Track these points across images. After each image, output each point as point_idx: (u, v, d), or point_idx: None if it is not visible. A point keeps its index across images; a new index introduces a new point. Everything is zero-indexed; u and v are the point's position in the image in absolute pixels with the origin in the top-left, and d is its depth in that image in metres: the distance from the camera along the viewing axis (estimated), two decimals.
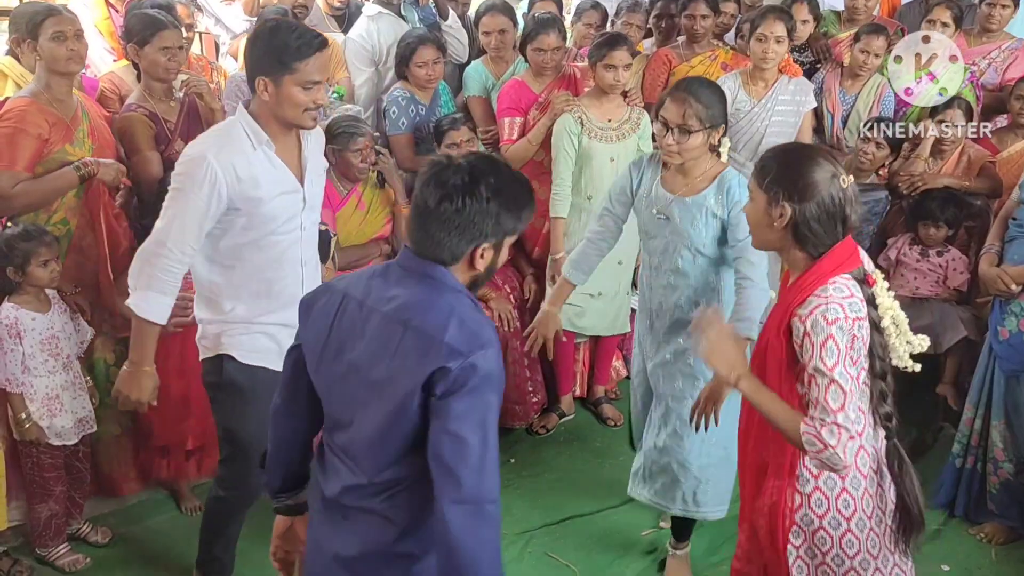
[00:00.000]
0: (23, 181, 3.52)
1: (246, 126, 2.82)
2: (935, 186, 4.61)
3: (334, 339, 2.05)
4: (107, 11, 4.79)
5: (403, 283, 2.01)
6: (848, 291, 2.31)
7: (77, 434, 3.62)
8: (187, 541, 3.86)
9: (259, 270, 2.93)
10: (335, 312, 2.06)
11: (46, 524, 3.62)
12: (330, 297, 2.09)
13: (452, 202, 1.93)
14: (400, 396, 1.93)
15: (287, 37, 2.71)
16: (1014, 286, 3.65)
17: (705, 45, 5.16)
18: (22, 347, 3.44)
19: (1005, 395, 3.76)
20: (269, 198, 2.84)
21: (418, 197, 1.98)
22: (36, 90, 3.60)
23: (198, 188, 2.74)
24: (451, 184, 1.93)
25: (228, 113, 4.42)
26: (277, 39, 2.71)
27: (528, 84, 4.68)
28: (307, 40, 2.72)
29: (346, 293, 2.07)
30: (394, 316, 1.97)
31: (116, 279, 3.75)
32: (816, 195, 2.31)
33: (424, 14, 5.34)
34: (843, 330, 2.26)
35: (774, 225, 2.36)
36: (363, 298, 2.03)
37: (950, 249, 4.64)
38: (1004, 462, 3.80)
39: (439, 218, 1.94)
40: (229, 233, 2.87)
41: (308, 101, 2.78)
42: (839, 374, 2.25)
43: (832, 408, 2.24)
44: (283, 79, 2.72)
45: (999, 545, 3.87)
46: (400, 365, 1.93)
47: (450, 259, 1.99)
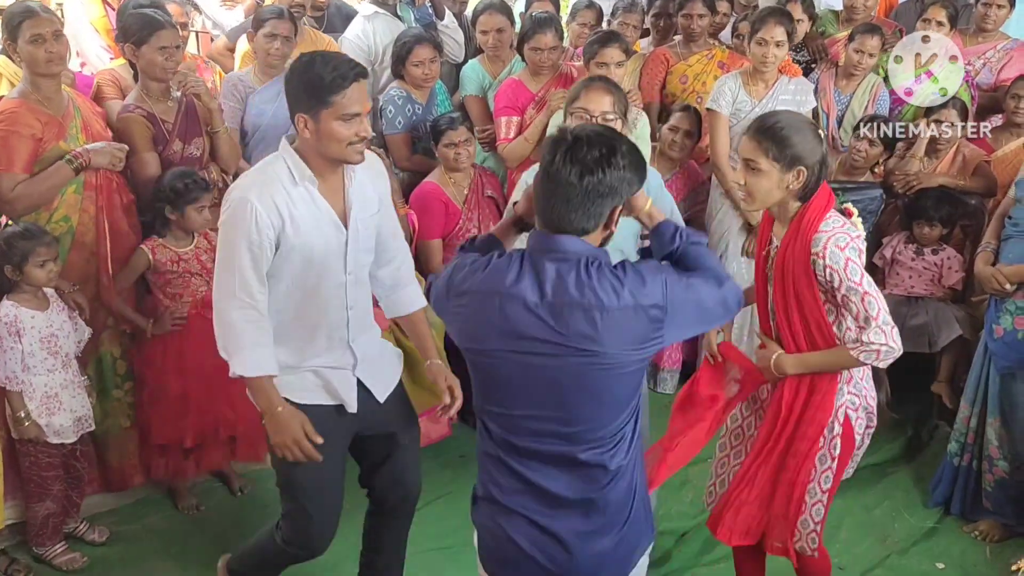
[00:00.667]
0: (21, 183, 3.53)
1: (289, 161, 2.66)
2: (930, 185, 4.62)
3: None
4: (104, 9, 4.79)
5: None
6: (841, 220, 2.72)
7: (76, 432, 3.61)
8: (184, 540, 3.88)
9: (302, 314, 2.78)
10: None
11: (43, 523, 3.63)
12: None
13: (594, 174, 2.06)
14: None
15: (321, 70, 2.55)
16: (1009, 285, 3.66)
17: (702, 44, 5.18)
18: (21, 345, 3.43)
19: (1000, 393, 3.77)
20: (309, 238, 2.67)
21: (555, 175, 2.08)
22: (25, 90, 3.60)
23: (245, 234, 2.61)
24: (590, 158, 2.06)
25: (225, 113, 4.44)
26: (311, 73, 2.56)
27: (525, 83, 4.69)
28: (342, 71, 2.56)
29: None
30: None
31: (114, 276, 3.76)
32: (818, 153, 2.68)
33: (420, 14, 5.36)
34: (854, 249, 2.67)
35: (789, 188, 2.69)
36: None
37: (945, 248, 4.65)
38: (999, 460, 3.82)
39: (585, 191, 2.07)
40: (272, 276, 2.72)
41: (351, 135, 2.60)
42: (867, 284, 2.66)
43: (872, 315, 2.64)
44: (321, 114, 2.57)
45: (994, 543, 3.88)
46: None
47: (593, 227, 2.12)
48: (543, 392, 2.14)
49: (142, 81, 3.93)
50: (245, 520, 4.02)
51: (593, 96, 3.20)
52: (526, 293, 2.08)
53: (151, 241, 3.82)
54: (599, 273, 2.08)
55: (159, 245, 3.81)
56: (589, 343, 2.07)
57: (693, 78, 5.09)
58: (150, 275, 3.84)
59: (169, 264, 3.81)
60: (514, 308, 2.09)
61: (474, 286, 2.15)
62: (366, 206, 2.82)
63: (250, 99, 4.56)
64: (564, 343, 2.08)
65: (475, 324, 2.16)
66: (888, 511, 4.11)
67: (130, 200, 3.87)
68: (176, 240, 3.84)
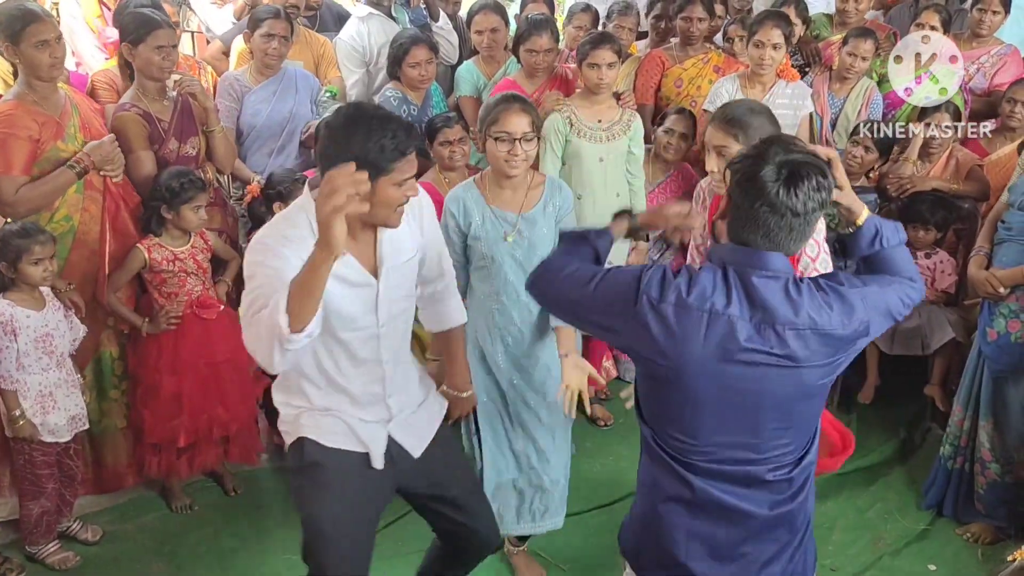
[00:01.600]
0: (23, 185, 3.53)
1: (311, 216, 2.33)
2: (924, 189, 4.64)
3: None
4: (99, 9, 4.78)
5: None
6: None
7: (70, 431, 3.61)
8: (177, 539, 3.88)
9: (335, 367, 2.60)
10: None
11: (37, 521, 3.62)
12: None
13: (814, 201, 2.07)
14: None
15: (382, 138, 2.36)
16: (1002, 289, 3.68)
17: (699, 48, 5.18)
18: (16, 344, 3.43)
19: (993, 396, 3.78)
20: (333, 295, 2.41)
21: (778, 206, 2.05)
22: (21, 92, 3.58)
23: (271, 276, 2.32)
24: (810, 187, 2.05)
25: (222, 112, 4.44)
26: (372, 141, 2.35)
27: (520, 85, 4.69)
28: (402, 138, 2.39)
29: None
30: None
31: (109, 275, 3.76)
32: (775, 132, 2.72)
33: (414, 15, 5.36)
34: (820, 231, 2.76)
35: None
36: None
37: (938, 251, 4.67)
38: (991, 463, 3.83)
39: (806, 220, 2.08)
40: None
41: (402, 197, 2.46)
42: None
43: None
44: (379, 181, 2.37)
45: (986, 545, 3.89)
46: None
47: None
48: (738, 414, 2.13)
49: (138, 80, 3.93)
50: (238, 520, 4.02)
51: (512, 119, 3.18)
52: (736, 310, 2.06)
53: (147, 240, 3.82)
54: (809, 291, 2.10)
55: (155, 244, 3.81)
56: (797, 362, 2.08)
57: (688, 81, 5.10)
58: (146, 274, 3.84)
59: (165, 264, 3.81)
60: (723, 326, 2.06)
61: (678, 300, 2.08)
62: (400, 253, 2.64)
63: (246, 98, 4.57)
64: (772, 363, 2.08)
65: (676, 339, 2.08)
66: (881, 513, 4.13)
67: (137, 203, 3.87)
68: (172, 239, 3.84)
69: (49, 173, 3.59)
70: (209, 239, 3.98)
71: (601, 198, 4.31)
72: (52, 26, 3.56)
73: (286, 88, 4.66)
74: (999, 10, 5.17)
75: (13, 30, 3.46)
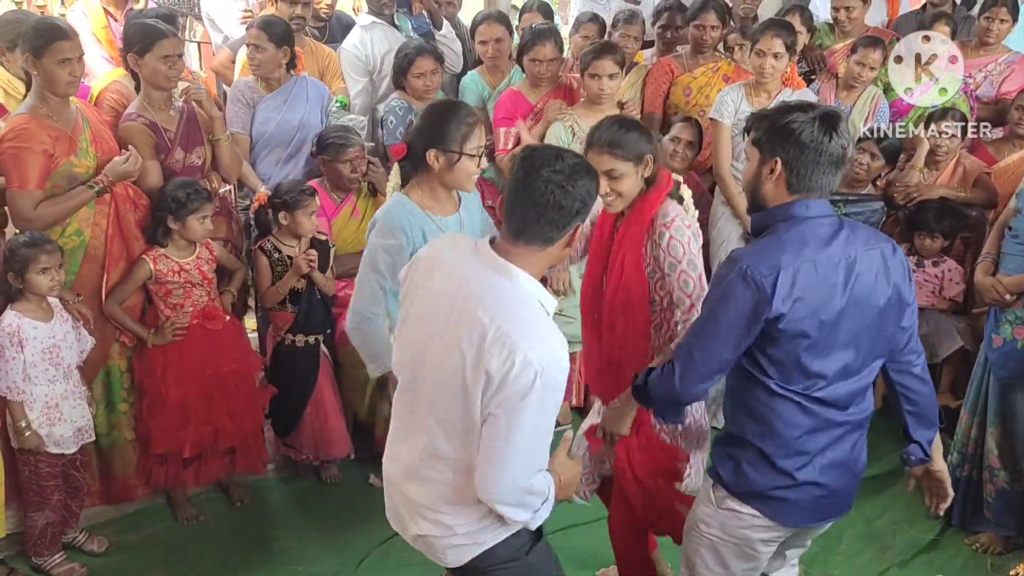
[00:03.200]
0: (42, 202, 3.53)
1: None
2: (931, 197, 4.63)
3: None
4: (106, 20, 4.79)
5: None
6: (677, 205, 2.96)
7: (76, 443, 3.61)
8: (184, 550, 3.88)
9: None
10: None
11: (42, 532, 3.62)
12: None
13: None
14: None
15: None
16: (1008, 296, 3.66)
17: (709, 56, 5.17)
18: (23, 355, 3.43)
19: (1000, 403, 3.77)
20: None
21: (819, 146, 2.34)
22: (33, 104, 3.58)
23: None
24: (842, 128, 2.39)
25: (234, 117, 4.45)
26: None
27: (524, 94, 4.71)
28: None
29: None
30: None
31: (115, 287, 3.77)
32: (651, 141, 3.00)
33: (417, 23, 5.37)
34: (695, 234, 2.93)
35: (642, 176, 2.91)
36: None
37: (946, 259, 4.66)
38: (999, 470, 3.81)
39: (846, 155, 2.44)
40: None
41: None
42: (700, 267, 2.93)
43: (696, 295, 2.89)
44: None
45: (995, 555, 3.87)
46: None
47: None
48: (861, 341, 2.42)
49: (144, 90, 3.94)
50: (244, 531, 4.02)
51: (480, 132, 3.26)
52: (855, 251, 2.38)
53: (152, 252, 3.82)
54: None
55: (161, 255, 3.81)
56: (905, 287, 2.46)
57: (697, 90, 5.09)
58: (151, 285, 3.84)
59: (170, 275, 3.81)
60: (854, 267, 2.37)
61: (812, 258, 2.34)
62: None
63: (258, 106, 4.58)
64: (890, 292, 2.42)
65: (819, 295, 2.33)
66: (889, 523, 4.11)
67: (144, 214, 3.87)
68: (178, 250, 3.85)
69: (62, 188, 3.59)
70: (214, 250, 3.98)
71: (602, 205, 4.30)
72: (77, 45, 3.57)
73: (296, 97, 4.66)
74: (1007, 19, 5.18)
75: (38, 44, 3.47)
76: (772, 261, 2.31)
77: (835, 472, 2.51)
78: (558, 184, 2.13)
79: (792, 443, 2.46)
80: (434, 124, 2.89)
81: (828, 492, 2.52)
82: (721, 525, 2.59)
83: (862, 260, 2.39)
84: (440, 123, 2.88)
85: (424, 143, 2.90)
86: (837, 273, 2.35)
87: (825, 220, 2.40)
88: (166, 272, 3.81)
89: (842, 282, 2.36)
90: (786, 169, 2.35)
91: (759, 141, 2.42)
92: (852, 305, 2.37)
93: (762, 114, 2.50)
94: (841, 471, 2.53)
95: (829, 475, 2.50)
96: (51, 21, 3.60)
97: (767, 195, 2.42)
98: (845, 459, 2.53)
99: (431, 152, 2.88)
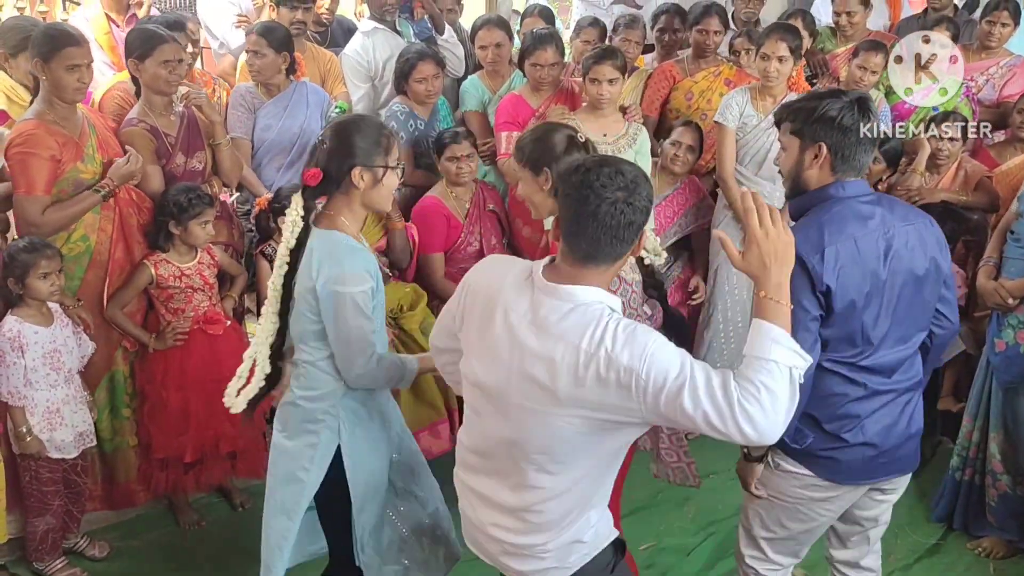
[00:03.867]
0: (49, 207, 3.54)
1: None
2: (932, 200, 4.60)
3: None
4: (108, 25, 4.80)
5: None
6: None
7: (77, 448, 3.62)
8: (185, 555, 3.88)
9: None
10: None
11: (43, 538, 3.62)
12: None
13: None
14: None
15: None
16: (1011, 300, 3.66)
17: (711, 60, 5.17)
18: (24, 361, 3.43)
19: (1003, 407, 3.76)
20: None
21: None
22: (40, 110, 3.59)
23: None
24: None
25: (235, 122, 4.46)
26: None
27: (526, 99, 4.70)
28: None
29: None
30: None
31: (116, 291, 3.78)
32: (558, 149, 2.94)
33: (419, 28, 5.37)
34: None
35: (543, 188, 2.86)
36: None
37: None
38: (1002, 474, 3.80)
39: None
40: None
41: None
42: None
43: None
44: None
45: (998, 559, 3.87)
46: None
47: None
48: (904, 311, 2.56)
49: (145, 95, 3.94)
50: (246, 536, 4.00)
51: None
52: (893, 226, 2.53)
53: (153, 256, 3.82)
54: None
55: (162, 260, 3.82)
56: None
57: (699, 95, 5.09)
58: (152, 290, 3.84)
59: (171, 280, 3.81)
60: (892, 242, 2.52)
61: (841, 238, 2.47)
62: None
63: (259, 113, 4.59)
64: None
65: (861, 268, 2.47)
66: (891, 528, 4.01)
67: (147, 219, 3.87)
68: (179, 255, 3.85)
69: (68, 194, 3.60)
70: (216, 255, 3.98)
71: None
72: (86, 51, 3.57)
73: (297, 103, 4.66)
74: (1008, 22, 5.20)
75: (47, 48, 3.48)
76: (817, 240, 2.45)
77: (886, 433, 2.63)
78: (625, 203, 2.05)
79: (839, 409, 2.58)
80: (353, 141, 2.69)
81: (880, 452, 2.63)
82: (778, 486, 2.71)
83: (899, 235, 2.52)
84: (359, 139, 2.68)
85: (346, 162, 2.67)
86: (878, 247, 2.49)
87: (864, 198, 2.55)
88: (167, 277, 3.81)
89: (882, 255, 2.49)
90: (831, 153, 2.51)
91: (799, 130, 2.55)
92: (893, 276, 2.51)
93: (795, 105, 2.63)
94: (892, 431, 2.64)
95: (881, 436, 2.62)
96: (61, 26, 3.61)
97: (811, 179, 2.56)
98: (895, 421, 2.64)
99: (356, 171, 2.66)
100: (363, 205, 2.75)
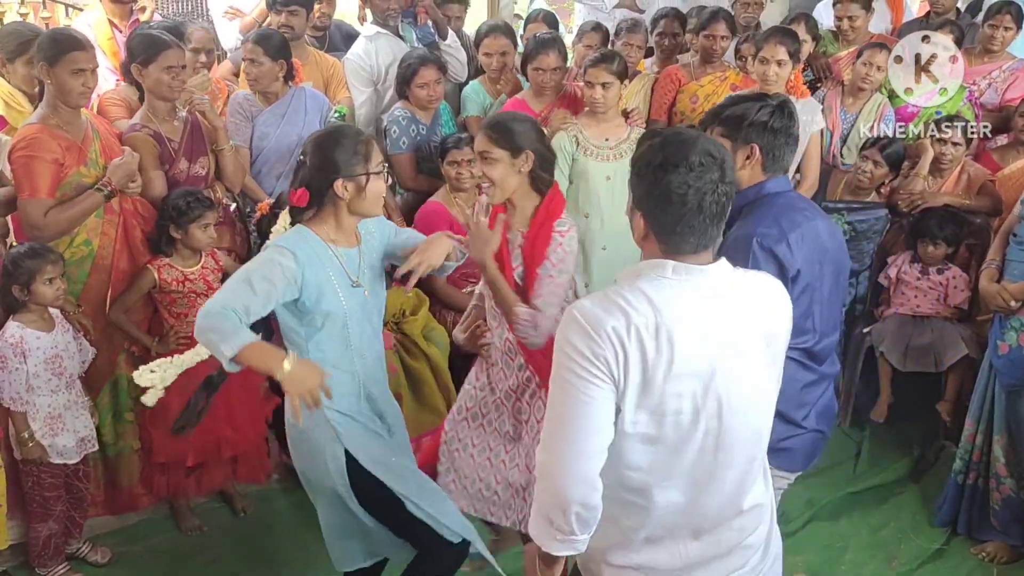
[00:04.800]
0: (51, 208, 3.54)
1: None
2: (935, 204, 4.61)
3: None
4: (111, 31, 4.81)
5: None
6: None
7: (79, 453, 3.62)
8: (186, 561, 3.88)
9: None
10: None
11: (45, 543, 3.62)
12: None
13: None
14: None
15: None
16: (1013, 302, 3.65)
17: (717, 65, 5.18)
18: (26, 366, 3.43)
19: (1006, 410, 3.75)
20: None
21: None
22: (44, 114, 3.59)
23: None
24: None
25: (233, 129, 4.45)
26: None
27: (528, 103, 4.70)
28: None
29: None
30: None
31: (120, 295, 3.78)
32: (541, 141, 3.09)
33: (422, 33, 5.36)
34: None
35: (520, 171, 3.01)
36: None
37: (950, 267, 4.64)
38: (1006, 478, 3.79)
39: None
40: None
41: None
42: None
43: (553, 300, 2.98)
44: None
45: (1002, 564, 3.85)
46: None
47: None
48: (836, 297, 2.80)
49: (148, 100, 3.94)
50: (248, 541, 4.01)
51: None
52: (821, 218, 2.77)
53: (157, 260, 3.82)
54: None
55: (165, 265, 3.82)
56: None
57: (704, 99, 5.08)
58: (156, 294, 3.84)
59: (175, 284, 3.81)
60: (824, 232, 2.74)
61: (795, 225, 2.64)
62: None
63: (256, 120, 4.58)
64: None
65: (811, 255, 2.64)
66: (895, 532, 4.09)
67: (151, 225, 3.87)
68: (182, 260, 3.85)
69: (70, 199, 3.60)
70: (220, 259, 3.98)
71: (608, 217, 4.31)
72: (92, 56, 3.58)
73: (295, 110, 4.62)
74: (1011, 26, 5.20)
75: (53, 53, 3.48)
76: (778, 231, 2.59)
77: (826, 417, 2.85)
78: (725, 194, 1.99)
79: (796, 396, 2.69)
80: (331, 155, 2.68)
81: (822, 435, 2.86)
82: None
83: (823, 225, 2.73)
84: (337, 151, 2.69)
85: (328, 176, 2.69)
86: (819, 236, 2.68)
87: (792, 194, 2.79)
88: (170, 281, 3.81)
89: (823, 244, 2.69)
90: (763, 153, 2.66)
91: (729, 133, 2.67)
92: (825, 264, 2.69)
93: (720, 110, 2.77)
94: (828, 416, 2.87)
95: (823, 421, 2.83)
96: (67, 31, 3.62)
97: (743, 179, 2.67)
98: (828, 405, 2.86)
99: (338, 183, 2.68)
100: (352, 213, 2.78)
